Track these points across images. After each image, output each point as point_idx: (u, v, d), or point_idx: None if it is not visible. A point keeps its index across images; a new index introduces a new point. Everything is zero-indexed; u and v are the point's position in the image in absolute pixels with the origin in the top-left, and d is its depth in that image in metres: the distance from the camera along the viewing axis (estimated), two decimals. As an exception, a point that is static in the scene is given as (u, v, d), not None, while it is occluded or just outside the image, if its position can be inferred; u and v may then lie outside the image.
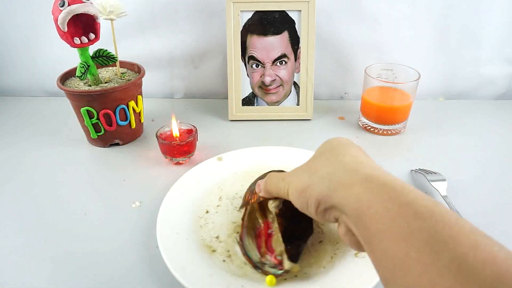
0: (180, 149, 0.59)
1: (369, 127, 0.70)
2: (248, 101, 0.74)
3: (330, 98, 0.84)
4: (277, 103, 0.74)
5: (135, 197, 0.54)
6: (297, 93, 0.73)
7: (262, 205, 0.41)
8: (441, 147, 0.66)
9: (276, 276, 0.37)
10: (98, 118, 0.62)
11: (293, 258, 0.37)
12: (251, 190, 0.42)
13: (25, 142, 0.68)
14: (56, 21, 0.54)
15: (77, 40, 0.57)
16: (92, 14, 0.56)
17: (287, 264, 0.36)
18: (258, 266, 0.38)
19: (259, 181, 0.40)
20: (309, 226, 0.40)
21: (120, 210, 0.52)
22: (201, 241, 0.45)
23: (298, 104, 0.74)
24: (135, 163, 0.62)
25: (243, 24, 0.69)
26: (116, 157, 0.63)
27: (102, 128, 0.63)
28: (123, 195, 0.54)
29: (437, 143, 0.67)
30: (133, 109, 0.64)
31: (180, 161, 0.61)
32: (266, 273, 0.38)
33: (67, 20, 0.54)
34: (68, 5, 0.53)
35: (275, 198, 0.37)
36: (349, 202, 0.28)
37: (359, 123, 0.73)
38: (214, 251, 0.43)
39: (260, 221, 0.42)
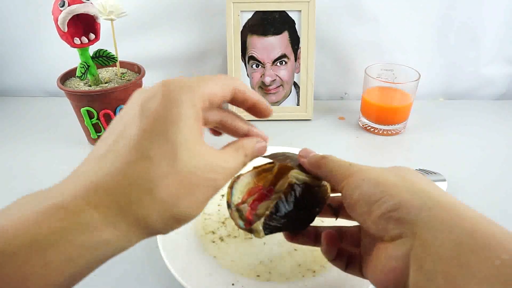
0: (180, 149, 0.59)
1: (369, 127, 0.70)
2: (248, 101, 0.74)
3: (330, 98, 0.84)
4: (277, 103, 0.74)
5: (135, 197, 0.54)
6: (297, 93, 0.73)
7: (281, 171, 0.38)
8: (441, 147, 0.66)
9: (240, 228, 0.35)
10: (98, 118, 0.62)
11: (267, 228, 0.32)
12: (284, 155, 0.38)
13: (25, 142, 0.68)
14: (56, 21, 0.55)
15: (77, 40, 0.57)
16: (92, 14, 0.56)
17: (257, 225, 0.32)
18: (230, 206, 0.36)
19: (305, 149, 0.36)
20: (305, 223, 0.35)
21: (120, 210, 0.52)
22: (202, 240, 0.45)
23: (298, 104, 0.74)
24: (135, 163, 0.61)
25: (243, 24, 0.69)
26: (116, 157, 0.63)
27: (102, 128, 0.63)
28: (123, 195, 0.54)
29: (437, 143, 0.67)
30: (133, 109, 0.64)
31: (180, 161, 0.60)
32: (231, 216, 0.36)
33: (67, 20, 0.54)
34: (68, 5, 0.53)
35: (306, 174, 0.34)
36: (447, 238, 0.22)
37: (359, 123, 0.73)
38: (213, 241, 0.44)
39: (267, 181, 0.39)
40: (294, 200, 0.33)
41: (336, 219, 0.37)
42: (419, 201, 0.25)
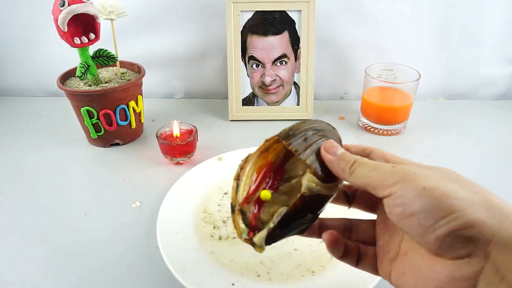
0: (180, 149, 0.59)
1: (369, 127, 0.70)
2: (248, 101, 0.74)
3: (330, 98, 0.84)
4: (277, 103, 0.74)
5: (135, 197, 0.54)
6: (297, 93, 0.73)
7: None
8: (441, 147, 0.66)
9: (243, 240, 0.31)
10: (98, 118, 0.62)
11: (269, 240, 0.30)
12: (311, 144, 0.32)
13: (25, 142, 0.68)
14: (56, 21, 0.55)
15: (77, 40, 0.57)
16: (92, 14, 0.56)
17: (258, 239, 0.29)
18: (233, 209, 0.32)
19: (331, 143, 0.32)
20: (310, 223, 0.32)
21: (120, 210, 0.52)
22: (201, 240, 0.45)
23: (298, 104, 0.74)
24: (135, 163, 0.62)
25: (243, 24, 0.69)
26: (116, 157, 0.63)
27: (102, 128, 0.63)
28: (123, 195, 0.54)
29: (437, 143, 0.67)
30: (133, 109, 0.64)
31: (180, 161, 0.61)
32: (234, 223, 0.32)
33: (67, 20, 0.54)
34: (68, 5, 0.53)
35: (322, 182, 0.29)
36: None
37: (359, 123, 0.73)
38: (211, 236, 0.44)
39: (280, 152, 0.34)
40: (302, 211, 0.30)
41: (349, 208, 0.35)
42: (494, 220, 0.23)
